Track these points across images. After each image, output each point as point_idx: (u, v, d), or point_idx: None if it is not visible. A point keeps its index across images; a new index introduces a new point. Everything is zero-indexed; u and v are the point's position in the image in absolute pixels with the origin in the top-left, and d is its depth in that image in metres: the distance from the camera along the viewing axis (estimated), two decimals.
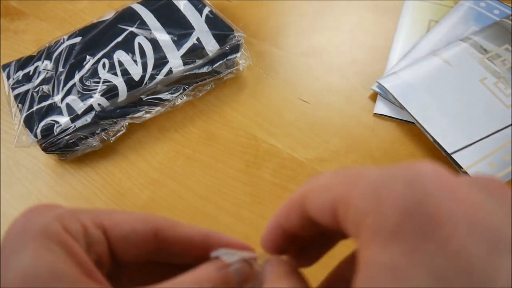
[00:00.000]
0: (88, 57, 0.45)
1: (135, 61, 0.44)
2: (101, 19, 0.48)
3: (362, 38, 0.52)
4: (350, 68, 0.50)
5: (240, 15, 0.54)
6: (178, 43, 0.45)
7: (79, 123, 0.42)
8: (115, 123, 0.44)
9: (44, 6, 0.58)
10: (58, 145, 0.42)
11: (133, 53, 0.44)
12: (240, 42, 0.46)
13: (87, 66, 0.44)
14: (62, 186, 0.43)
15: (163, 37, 0.45)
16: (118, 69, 0.43)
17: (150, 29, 0.46)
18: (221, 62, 0.46)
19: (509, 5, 0.51)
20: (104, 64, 0.44)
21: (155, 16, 0.47)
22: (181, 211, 0.41)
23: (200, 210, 0.41)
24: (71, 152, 0.44)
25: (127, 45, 0.45)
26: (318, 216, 0.15)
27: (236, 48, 0.47)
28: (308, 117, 0.46)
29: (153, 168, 0.44)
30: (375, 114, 0.46)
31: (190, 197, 0.41)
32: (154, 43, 0.45)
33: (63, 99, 0.43)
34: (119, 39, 0.45)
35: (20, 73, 0.46)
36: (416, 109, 0.43)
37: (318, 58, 0.51)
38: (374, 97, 0.47)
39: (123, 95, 0.43)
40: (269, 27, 0.54)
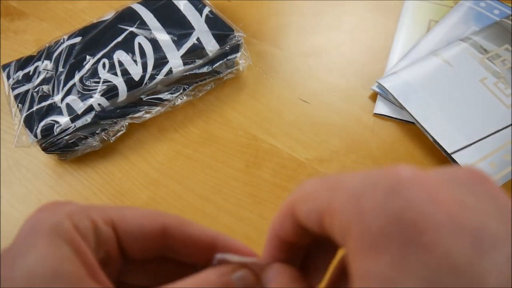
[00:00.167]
0: (88, 57, 0.45)
1: (135, 61, 0.44)
2: (101, 19, 0.48)
3: (362, 38, 0.52)
4: (350, 68, 0.50)
5: (240, 15, 0.54)
6: (178, 43, 0.45)
7: (79, 123, 0.42)
8: (115, 123, 0.44)
9: (44, 6, 0.58)
10: (58, 145, 0.42)
11: (133, 53, 0.44)
12: (240, 42, 0.46)
13: (87, 66, 0.44)
14: (62, 186, 0.43)
15: (163, 37, 0.45)
16: (118, 69, 0.43)
17: (150, 29, 0.46)
18: (221, 62, 0.46)
19: (509, 5, 0.51)
20: (104, 64, 0.44)
21: (155, 16, 0.47)
22: (181, 211, 0.41)
23: (200, 210, 0.41)
24: (71, 152, 0.44)
25: (127, 45, 0.45)
26: (308, 224, 0.15)
27: (236, 48, 0.47)
28: (308, 117, 0.46)
29: (153, 168, 0.44)
30: (375, 114, 0.46)
31: (190, 197, 0.41)
32: (154, 43, 0.45)
33: (63, 99, 0.43)
34: (119, 39, 0.45)
35: (20, 73, 0.46)
36: (416, 109, 0.43)
37: (318, 58, 0.51)
38: (374, 97, 0.47)
39: (123, 95, 0.43)
40: (269, 27, 0.54)
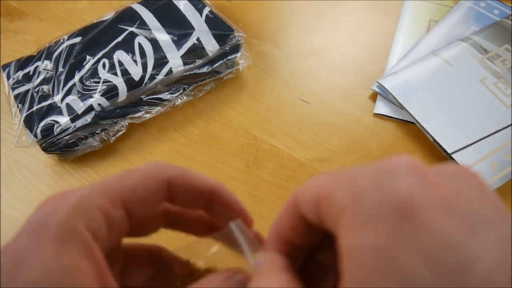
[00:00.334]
0: (88, 57, 0.45)
1: (135, 61, 0.44)
2: (101, 19, 0.48)
3: (362, 38, 0.52)
4: (350, 68, 0.50)
5: (240, 15, 0.54)
6: (178, 43, 0.45)
7: (79, 123, 0.42)
8: (115, 123, 0.44)
9: (44, 6, 0.58)
10: (58, 145, 0.42)
11: (133, 53, 0.44)
12: (240, 42, 0.46)
13: (87, 66, 0.44)
14: (62, 186, 0.43)
15: (163, 37, 0.45)
16: (118, 69, 0.43)
17: (150, 29, 0.46)
18: (221, 62, 0.46)
19: (509, 5, 0.51)
20: (104, 64, 0.44)
21: (155, 16, 0.47)
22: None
23: None
24: (71, 152, 0.44)
25: (127, 45, 0.45)
26: (306, 213, 0.16)
27: (236, 48, 0.47)
28: (308, 117, 0.46)
29: None
30: (375, 114, 0.46)
31: None
32: (154, 43, 0.45)
33: (63, 99, 0.43)
34: (119, 39, 0.45)
35: (20, 73, 0.46)
36: (416, 109, 0.43)
37: (318, 58, 0.51)
38: (374, 97, 0.47)
39: (123, 95, 0.43)
40: (269, 27, 0.54)
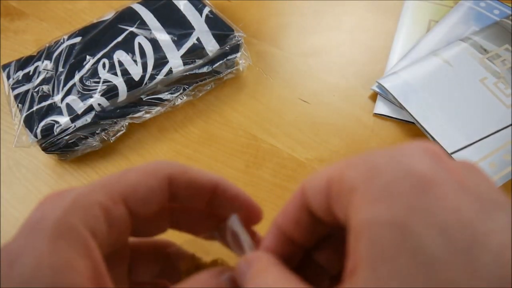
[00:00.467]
0: (88, 57, 0.45)
1: (135, 61, 0.44)
2: (101, 19, 0.48)
3: (362, 38, 0.52)
4: (350, 68, 0.50)
5: (240, 15, 0.54)
6: (178, 43, 0.45)
7: (79, 123, 0.42)
8: (115, 123, 0.44)
9: (44, 6, 0.58)
10: (58, 145, 0.42)
11: (133, 53, 0.44)
12: (240, 42, 0.46)
13: (87, 66, 0.44)
14: (62, 186, 0.43)
15: (163, 37, 0.45)
16: (118, 69, 0.43)
17: (150, 29, 0.46)
18: (221, 62, 0.46)
19: (509, 5, 0.51)
20: (104, 64, 0.44)
21: (155, 16, 0.47)
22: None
23: None
24: (71, 152, 0.44)
25: (127, 45, 0.45)
26: (315, 202, 0.16)
27: (236, 48, 0.47)
28: (308, 117, 0.46)
29: None
30: (375, 114, 0.46)
31: None
32: (154, 43, 0.45)
33: (63, 99, 0.43)
34: (119, 39, 0.45)
35: (20, 73, 0.46)
36: (416, 109, 0.43)
37: (318, 58, 0.51)
38: (374, 97, 0.47)
39: (123, 95, 0.43)
40: (269, 27, 0.54)
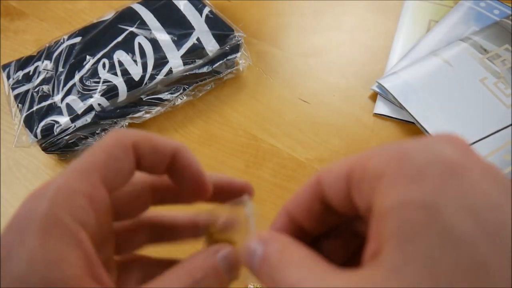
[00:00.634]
0: (88, 57, 0.45)
1: (135, 61, 0.44)
2: (101, 19, 0.48)
3: (362, 38, 0.52)
4: (350, 68, 0.50)
5: (240, 15, 0.54)
6: (178, 43, 0.45)
7: (79, 123, 0.42)
8: (115, 123, 0.44)
9: (44, 6, 0.58)
10: (58, 145, 0.42)
11: (133, 53, 0.44)
12: (240, 42, 0.46)
13: (87, 66, 0.44)
14: None
15: (163, 37, 0.45)
16: (118, 69, 0.43)
17: (150, 29, 0.46)
18: (221, 62, 0.46)
19: (509, 5, 0.51)
20: (104, 64, 0.44)
21: (155, 16, 0.47)
22: (181, 211, 0.41)
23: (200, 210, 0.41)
24: (71, 152, 0.44)
25: (127, 45, 0.45)
26: (332, 191, 0.16)
27: (236, 48, 0.47)
28: (308, 117, 0.46)
29: None
30: (375, 114, 0.46)
31: None
32: (154, 43, 0.45)
33: (63, 99, 0.43)
34: (119, 39, 0.45)
35: (20, 73, 0.46)
36: (416, 109, 0.43)
37: (318, 58, 0.51)
38: (374, 97, 0.47)
39: (123, 95, 0.43)
40: (269, 27, 0.54)
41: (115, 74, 0.43)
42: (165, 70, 0.44)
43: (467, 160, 0.13)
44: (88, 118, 0.42)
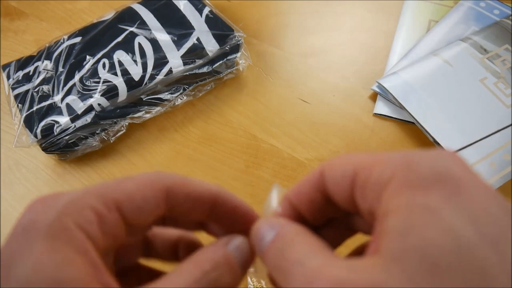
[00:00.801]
0: (88, 57, 0.45)
1: (135, 61, 0.44)
2: (101, 19, 0.48)
3: (362, 38, 0.52)
4: (350, 68, 0.50)
5: (240, 15, 0.54)
6: (178, 43, 0.45)
7: (79, 123, 0.42)
8: (115, 123, 0.44)
9: (44, 6, 0.58)
10: (58, 145, 0.42)
11: (133, 53, 0.44)
12: (240, 42, 0.46)
13: (87, 66, 0.44)
14: (62, 186, 0.43)
15: (163, 37, 0.45)
16: (118, 69, 0.43)
17: (150, 29, 0.46)
18: (221, 62, 0.46)
19: (509, 5, 0.51)
20: (104, 64, 0.44)
21: (155, 16, 0.47)
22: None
23: None
24: (71, 152, 0.44)
25: (127, 45, 0.45)
26: (335, 188, 0.16)
27: (236, 48, 0.47)
28: (308, 117, 0.46)
29: (153, 168, 0.44)
30: (375, 114, 0.46)
31: None
32: (154, 43, 0.45)
33: (63, 99, 0.43)
34: (119, 39, 0.45)
35: (20, 73, 0.46)
36: (416, 109, 0.43)
37: (318, 58, 0.51)
38: (374, 97, 0.47)
39: (123, 95, 0.43)
40: (269, 27, 0.54)
41: (115, 74, 0.43)
42: (165, 70, 0.44)
43: (471, 179, 0.13)
44: (88, 118, 0.42)
